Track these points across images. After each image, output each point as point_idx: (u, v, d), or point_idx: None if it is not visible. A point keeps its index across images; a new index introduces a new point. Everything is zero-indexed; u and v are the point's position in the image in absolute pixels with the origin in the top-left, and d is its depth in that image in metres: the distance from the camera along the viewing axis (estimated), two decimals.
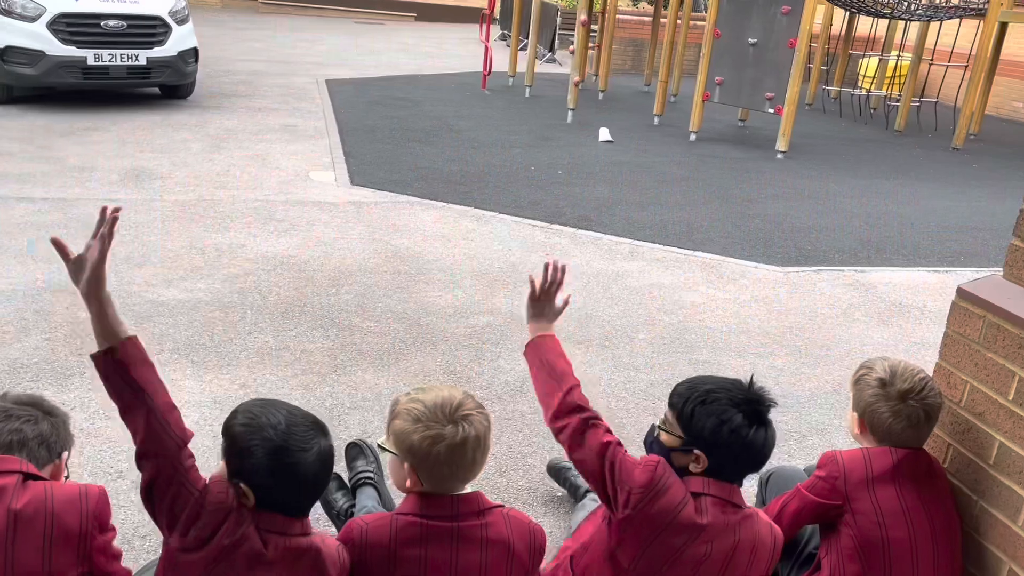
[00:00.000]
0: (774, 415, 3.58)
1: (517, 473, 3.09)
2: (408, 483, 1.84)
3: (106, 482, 2.83)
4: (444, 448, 1.76)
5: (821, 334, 4.54)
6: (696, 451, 1.94)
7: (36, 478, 1.78)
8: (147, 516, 2.64)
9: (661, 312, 4.64)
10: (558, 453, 3.19)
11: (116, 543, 2.53)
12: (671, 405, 2.01)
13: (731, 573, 1.93)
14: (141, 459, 1.76)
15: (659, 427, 2.03)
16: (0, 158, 6.55)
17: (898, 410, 2.10)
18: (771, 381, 3.95)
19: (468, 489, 1.90)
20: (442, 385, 1.91)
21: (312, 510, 2.63)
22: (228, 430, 1.75)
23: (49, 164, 6.52)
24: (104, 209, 1.85)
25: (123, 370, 1.76)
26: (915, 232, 6.59)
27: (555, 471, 3.02)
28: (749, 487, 3.03)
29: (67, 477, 1.98)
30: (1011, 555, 2.01)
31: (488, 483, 3.00)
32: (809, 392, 3.88)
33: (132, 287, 4.41)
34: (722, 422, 1.90)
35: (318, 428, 1.77)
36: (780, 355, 4.25)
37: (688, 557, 1.91)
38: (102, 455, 2.98)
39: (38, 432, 1.85)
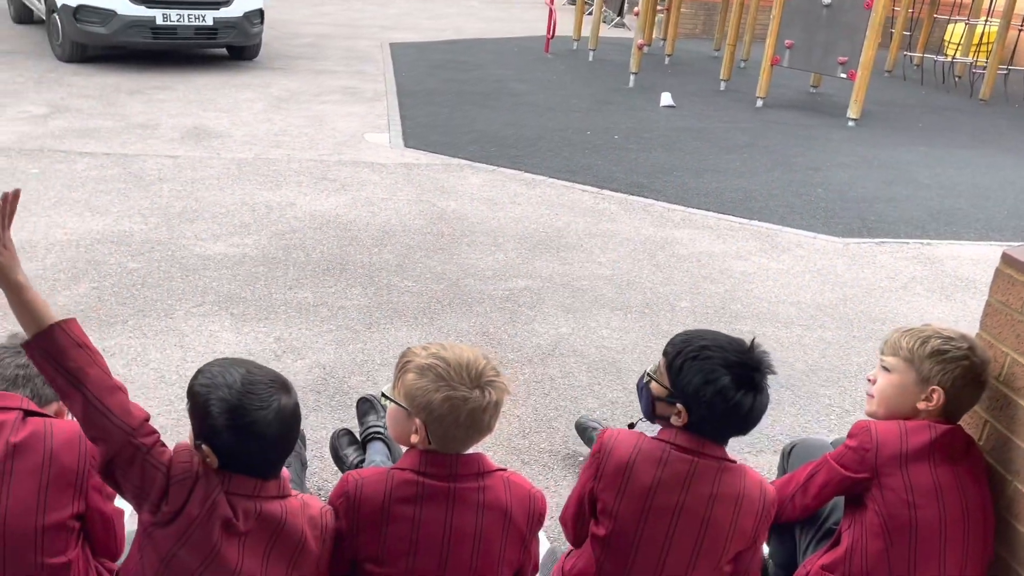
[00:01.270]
0: (814, 387, 3.49)
1: (540, 436, 3.05)
2: (414, 439, 1.80)
3: None
4: (466, 412, 1.73)
5: (877, 308, 4.34)
6: (679, 404, 1.88)
7: (38, 415, 1.81)
8: None
9: (707, 281, 4.51)
10: (585, 414, 3.14)
11: None
12: (664, 354, 1.94)
13: (714, 526, 1.86)
14: (91, 441, 1.69)
15: (649, 374, 1.98)
16: (68, 114, 6.77)
17: (982, 380, 2.02)
18: (818, 354, 3.81)
19: (476, 450, 1.86)
20: (458, 344, 1.85)
21: (323, 466, 2.66)
22: (190, 390, 1.70)
23: (114, 120, 6.71)
24: (4, 195, 1.65)
25: (53, 357, 1.61)
26: (990, 205, 6.23)
27: (582, 429, 2.98)
28: (772, 459, 2.93)
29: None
30: None
31: (510, 444, 2.98)
32: (857, 367, 3.71)
33: (182, 241, 4.51)
34: (708, 381, 1.83)
35: (278, 386, 1.70)
36: (830, 328, 4.08)
37: (659, 506, 1.86)
38: (136, 400, 3.03)
39: None
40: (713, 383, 1.82)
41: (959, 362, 2.00)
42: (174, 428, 2.88)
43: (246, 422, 1.63)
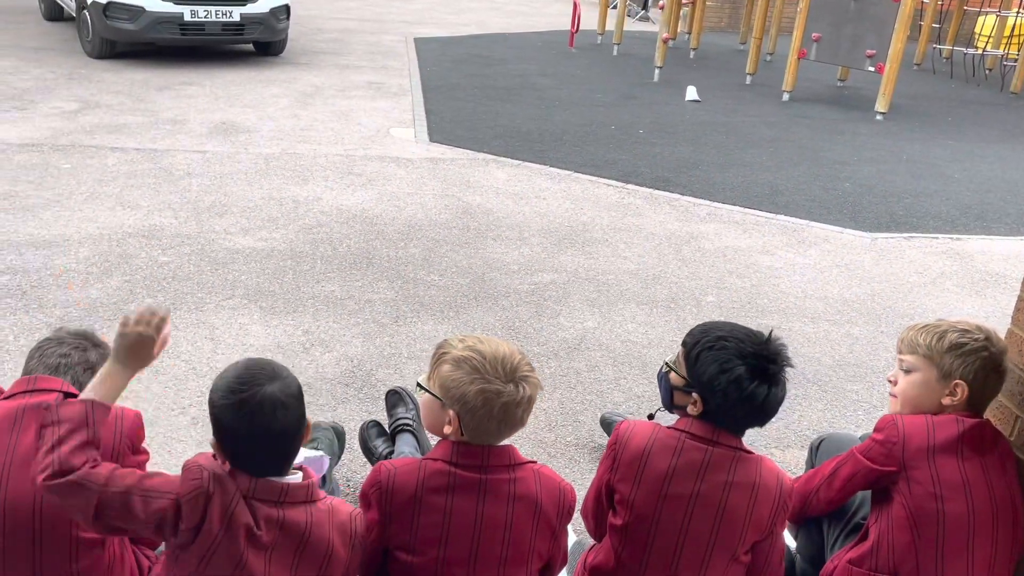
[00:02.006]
0: (841, 383, 3.47)
1: (566, 429, 3.06)
2: (448, 429, 1.82)
3: (169, 417, 2.95)
4: (500, 406, 1.75)
5: (905, 303, 4.31)
6: (695, 394, 1.89)
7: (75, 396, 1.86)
8: (202, 449, 2.76)
9: (733, 275, 4.49)
10: (610, 408, 3.15)
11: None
12: (683, 344, 1.96)
13: (730, 514, 1.86)
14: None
15: (668, 364, 2.00)
16: (99, 110, 6.87)
17: (1003, 369, 2.01)
18: (845, 349, 3.78)
19: (506, 442, 1.88)
20: (494, 338, 1.87)
21: (352, 456, 2.68)
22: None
23: (144, 116, 6.80)
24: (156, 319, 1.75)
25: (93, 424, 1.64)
26: (1021, 199, 6.14)
27: (607, 424, 2.99)
28: (799, 454, 2.92)
29: None
30: None
31: (536, 436, 2.99)
32: (885, 363, 3.69)
33: (211, 235, 4.57)
34: (723, 371, 1.83)
35: (270, 371, 1.66)
36: (858, 323, 4.06)
37: (674, 494, 1.86)
38: (167, 391, 3.11)
39: (85, 359, 1.92)
40: (728, 372, 1.82)
41: (978, 354, 1.99)
42: (205, 420, 2.92)
43: (237, 400, 1.61)
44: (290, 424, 1.67)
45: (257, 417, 1.62)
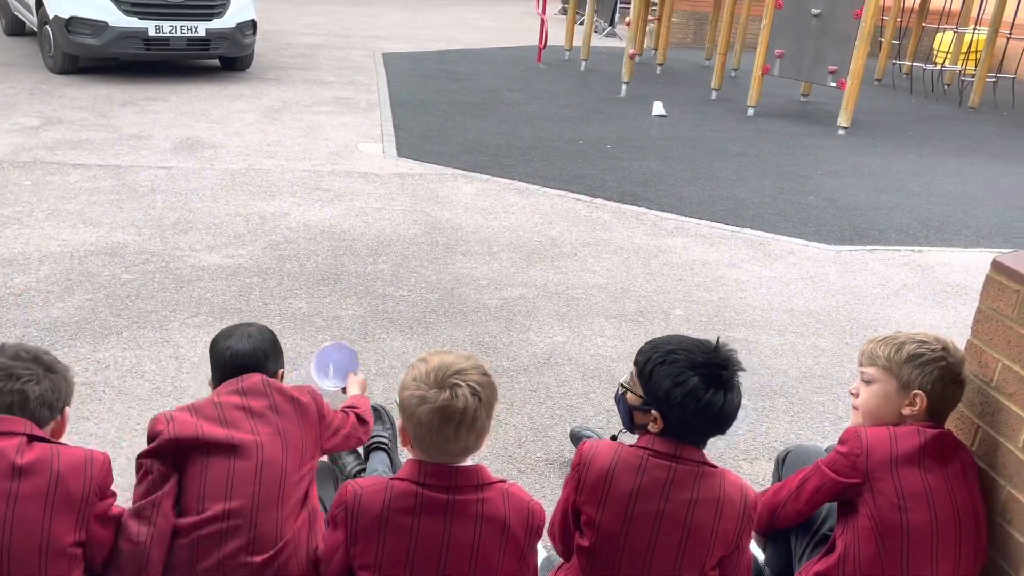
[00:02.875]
0: (807, 394, 3.51)
1: (536, 444, 3.06)
2: (401, 441, 1.84)
3: (131, 439, 2.90)
4: (425, 411, 1.74)
5: (869, 315, 4.37)
6: (654, 411, 1.90)
7: (41, 439, 1.81)
8: None
9: (701, 289, 4.53)
10: (580, 422, 3.15)
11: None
12: (635, 363, 1.96)
13: (696, 531, 1.87)
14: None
15: (623, 385, 2.01)
16: (61, 125, 6.77)
17: (961, 379, 2.05)
18: (811, 361, 3.83)
19: (471, 462, 1.87)
20: (462, 352, 1.86)
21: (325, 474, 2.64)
22: None
23: (107, 132, 6.71)
24: None
25: None
26: (980, 212, 6.28)
27: (577, 439, 2.99)
28: (766, 466, 2.94)
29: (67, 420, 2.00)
30: None
31: (506, 452, 2.98)
32: (850, 374, 3.73)
33: (176, 252, 4.51)
34: (677, 384, 1.84)
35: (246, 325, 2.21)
36: (823, 335, 4.11)
37: (640, 513, 1.86)
38: (130, 412, 3.05)
39: (39, 393, 1.82)
40: (683, 385, 1.83)
41: (936, 364, 2.03)
42: None
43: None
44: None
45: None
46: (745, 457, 3.08)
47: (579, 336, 3.89)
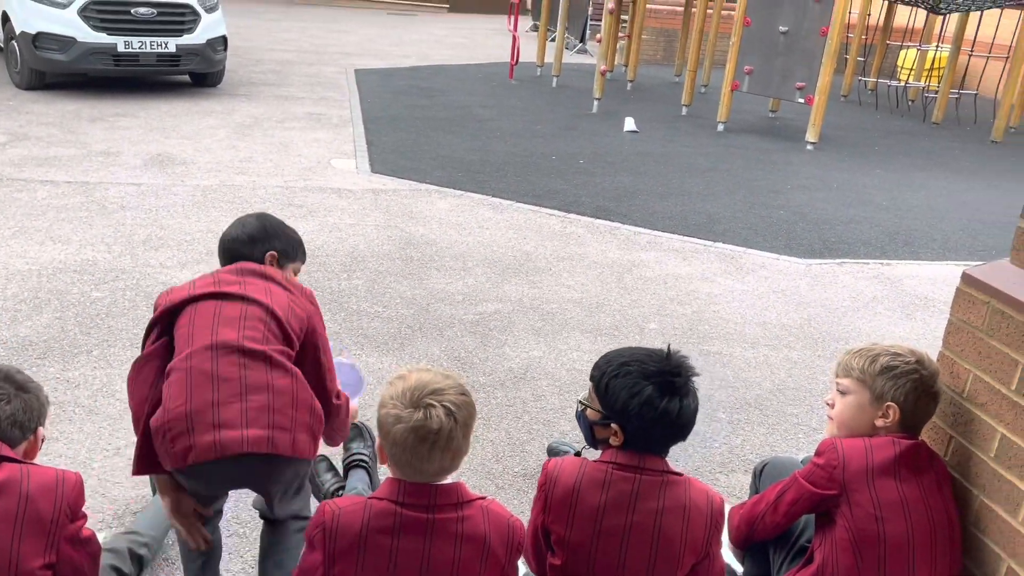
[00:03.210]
0: (781, 406, 3.54)
1: (514, 459, 3.05)
2: (380, 458, 1.83)
3: (103, 458, 2.85)
4: (400, 430, 1.72)
5: (840, 327, 4.43)
6: (613, 424, 1.91)
7: (11, 460, 1.77)
8: (140, 492, 2.67)
9: (674, 303, 4.57)
10: (557, 437, 3.15)
11: (108, 520, 2.55)
12: (591, 379, 1.98)
13: (665, 540, 1.88)
14: None
15: (581, 402, 2.02)
16: (27, 142, 6.67)
17: (934, 391, 2.08)
18: (784, 374, 3.87)
19: (451, 479, 1.85)
20: (441, 370, 1.85)
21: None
22: None
23: (75, 148, 6.62)
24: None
25: None
26: (946, 225, 6.41)
27: (554, 454, 2.98)
28: (743, 478, 2.96)
29: (44, 440, 1.96)
30: (1010, 552, 1.92)
31: (483, 468, 2.97)
32: (822, 385, 3.78)
33: (147, 269, 4.45)
34: (633, 395, 1.86)
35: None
36: (796, 347, 4.15)
37: (608, 528, 1.87)
38: (101, 432, 3.00)
39: (10, 413, 1.80)
40: (638, 395, 1.85)
41: (909, 376, 2.06)
42: None
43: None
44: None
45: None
46: (721, 470, 3.10)
47: (555, 351, 3.90)
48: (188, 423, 1.89)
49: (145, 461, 2.02)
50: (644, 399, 1.85)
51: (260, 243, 2.28)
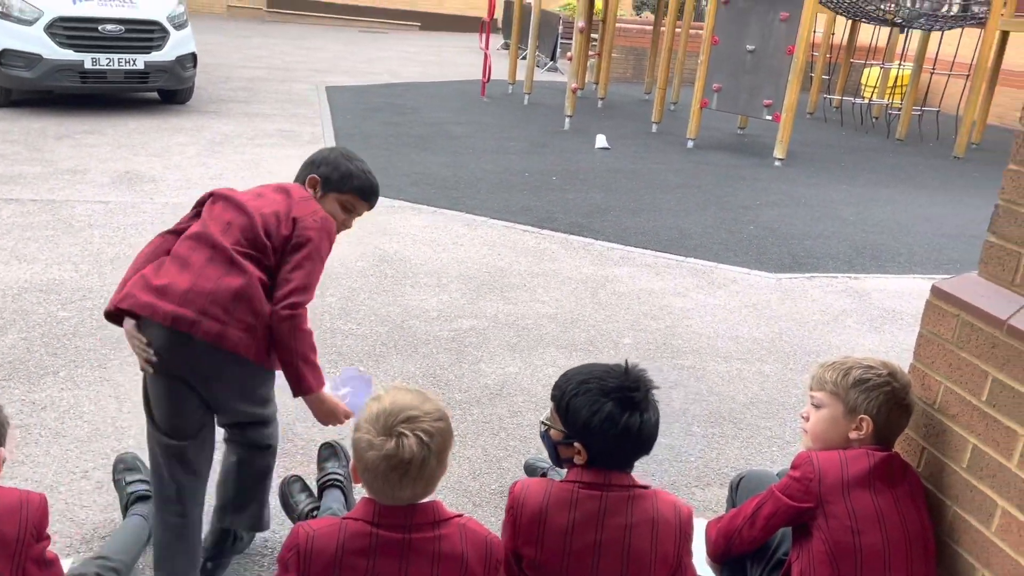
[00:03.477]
0: (755, 420, 3.56)
1: (491, 476, 3.03)
2: (353, 478, 1.81)
3: (71, 482, 2.78)
4: (372, 457, 1.71)
5: (810, 340, 4.48)
6: (576, 443, 1.91)
7: None
8: (108, 516, 2.61)
9: (648, 317, 4.59)
10: (534, 453, 3.14)
11: (76, 544, 2.49)
12: (552, 399, 1.99)
13: (636, 555, 1.88)
14: None
15: (543, 423, 2.02)
16: None
17: (907, 403, 2.10)
18: (757, 387, 3.90)
19: (428, 498, 1.84)
20: (417, 390, 1.81)
21: (273, 518, 2.58)
22: None
23: (41, 166, 6.52)
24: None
25: None
26: (912, 239, 6.52)
27: (531, 470, 2.97)
28: (719, 492, 2.97)
29: (4, 461, 1.91)
30: (984, 562, 1.95)
31: (460, 486, 2.95)
32: (795, 399, 3.81)
33: (115, 288, 4.37)
34: (593, 412, 1.87)
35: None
36: (768, 361, 4.19)
37: (578, 548, 1.87)
38: (68, 454, 2.93)
39: None
40: (598, 413, 1.86)
41: (882, 389, 2.09)
42: (110, 483, 2.77)
43: None
44: None
45: None
46: (697, 484, 3.11)
47: (531, 366, 3.89)
48: (143, 280, 2.14)
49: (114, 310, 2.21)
50: (604, 416, 1.85)
51: (309, 167, 2.38)
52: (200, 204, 2.35)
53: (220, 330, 2.06)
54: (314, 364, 2.18)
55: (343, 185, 2.34)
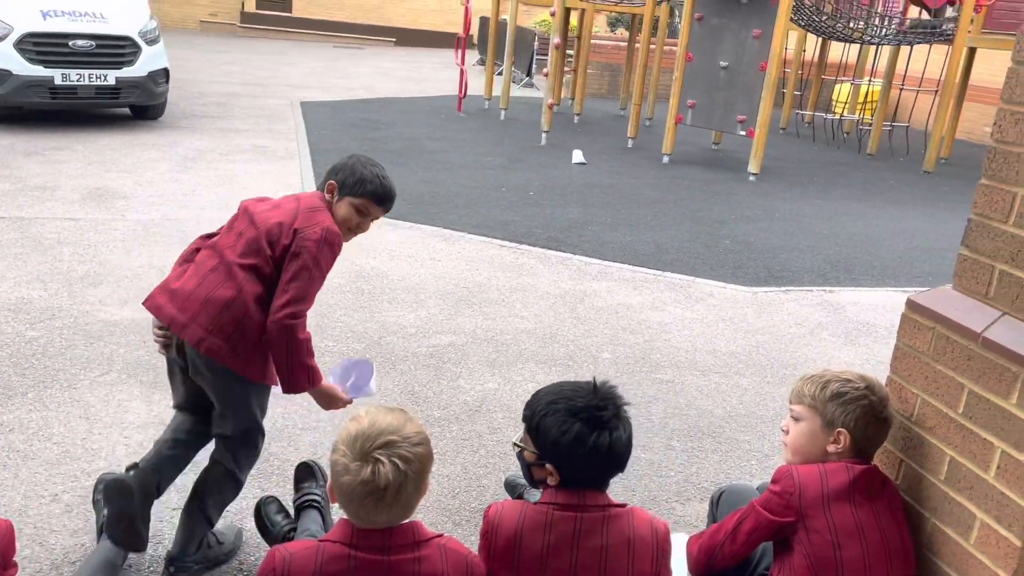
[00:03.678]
0: (733, 433, 3.57)
1: (471, 494, 3.00)
2: (331, 498, 1.78)
3: (39, 505, 2.72)
4: (347, 482, 1.68)
5: (787, 354, 4.50)
6: (548, 465, 1.90)
7: None
8: (79, 540, 2.55)
9: (627, 332, 4.59)
10: (514, 471, 3.12)
11: (45, 570, 2.43)
12: (523, 419, 1.97)
13: (614, 574, 1.86)
14: None
15: (516, 444, 2.00)
16: None
17: (885, 417, 2.10)
18: (735, 401, 3.90)
19: (409, 518, 1.81)
20: (400, 410, 1.78)
21: (247, 537, 2.54)
22: None
23: (9, 183, 6.41)
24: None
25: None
26: (884, 253, 6.60)
27: (511, 488, 2.94)
28: (700, 507, 2.97)
29: None
30: (963, 574, 1.95)
31: (440, 504, 2.92)
32: (773, 412, 3.82)
33: (85, 307, 4.31)
34: (562, 433, 1.85)
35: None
36: (746, 374, 4.20)
37: (554, 571, 1.85)
38: (37, 477, 2.86)
39: None
40: (567, 433, 1.84)
41: (859, 402, 2.10)
42: (80, 506, 2.71)
43: None
44: None
45: None
46: (678, 499, 3.10)
47: (510, 382, 3.87)
48: (165, 282, 2.43)
49: None
50: (573, 436, 1.83)
51: (330, 174, 2.52)
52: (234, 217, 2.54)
53: (202, 335, 2.27)
54: (310, 366, 2.35)
55: (357, 189, 2.45)
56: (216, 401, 2.41)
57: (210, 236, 2.52)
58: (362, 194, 2.46)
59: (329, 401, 2.48)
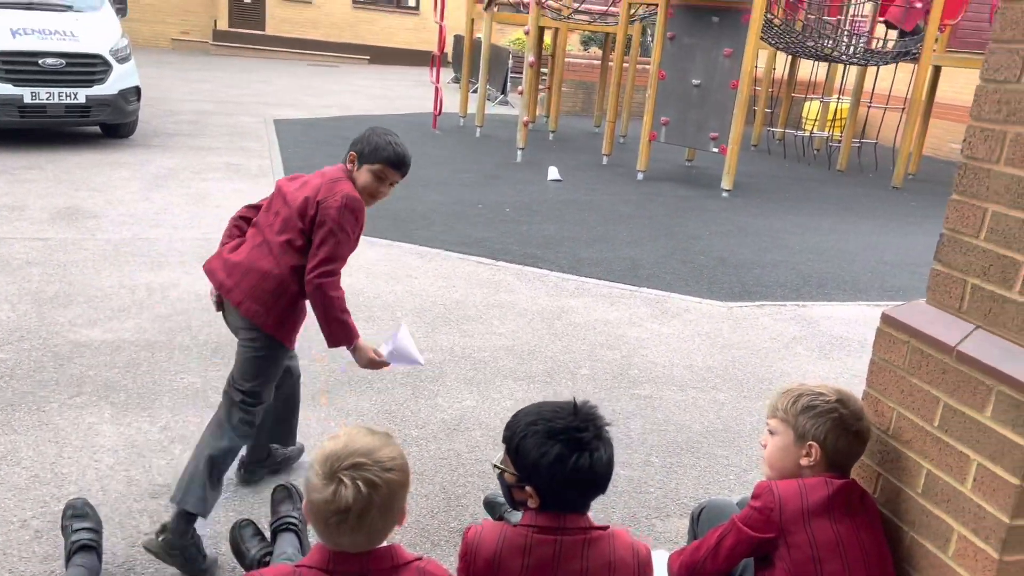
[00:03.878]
0: (711, 448, 3.57)
1: (450, 514, 2.98)
2: (307, 519, 1.74)
3: (7, 531, 2.65)
4: (316, 499, 1.65)
5: (763, 368, 4.53)
6: (528, 487, 1.88)
7: None
8: (48, 567, 2.49)
9: (604, 347, 4.60)
10: (493, 489, 3.09)
11: None
12: (503, 441, 1.94)
13: None
14: None
15: (496, 466, 1.97)
16: None
17: (857, 430, 2.10)
18: (713, 415, 3.91)
19: (386, 542, 1.78)
20: (383, 433, 1.74)
21: (222, 561, 2.49)
22: None
23: None
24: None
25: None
26: (855, 267, 6.68)
27: (491, 506, 2.92)
28: (680, 523, 2.96)
29: None
30: None
31: (418, 524, 2.89)
32: (750, 427, 3.84)
33: (54, 327, 4.23)
34: (542, 455, 1.83)
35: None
36: (723, 389, 4.22)
37: None
38: (6, 503, 2.79)
39: None
40: (546, 455, 1.82)
41: (829, 415, 2.10)
42: (50, 531, 2.64)
43: None
44: None
45: None
46: (657, 515, 3.09)
47: (488, 400, 3.85)
48: (221, 250, 2.74)
49: None
50: (552, 458, 1.81)
51: (351, 146, 2.74)
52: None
53: (241, 299, 2.59)
54: (344, 322, 2.60)
55: (373, 157, 2.68)
56: (239, 357, 2.67)
57: (255, 207, 2.81)
58: (378, 160, 2.68)
59: (367, 362, 2.68)
